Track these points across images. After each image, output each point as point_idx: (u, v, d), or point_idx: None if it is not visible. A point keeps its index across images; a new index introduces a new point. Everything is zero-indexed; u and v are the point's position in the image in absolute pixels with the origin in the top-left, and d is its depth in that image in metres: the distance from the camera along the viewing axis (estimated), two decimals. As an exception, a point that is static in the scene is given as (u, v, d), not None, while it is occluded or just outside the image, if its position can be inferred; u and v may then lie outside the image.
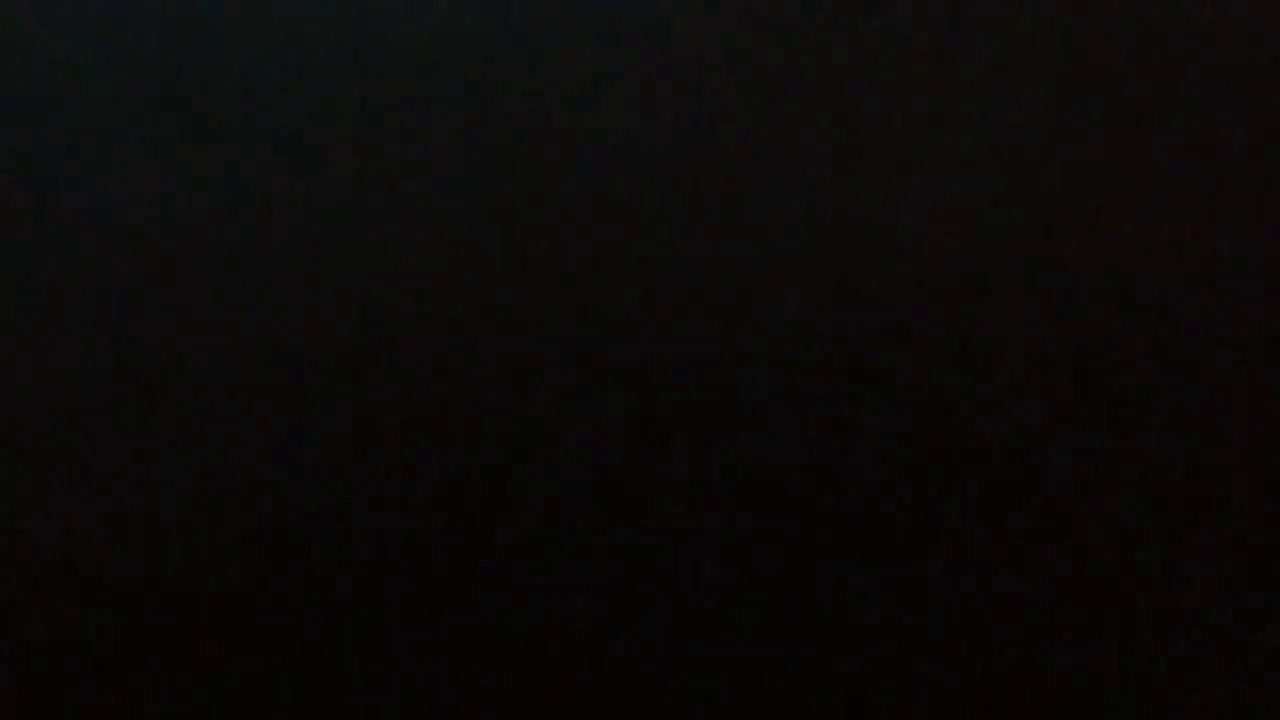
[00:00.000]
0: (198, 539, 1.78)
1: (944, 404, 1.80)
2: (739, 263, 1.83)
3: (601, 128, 1.85)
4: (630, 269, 1.83)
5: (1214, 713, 1.75)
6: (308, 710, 1.76)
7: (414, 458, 1.80)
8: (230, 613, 1.77)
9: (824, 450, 1.80)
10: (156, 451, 1.79)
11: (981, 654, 1.77)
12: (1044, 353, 1.81)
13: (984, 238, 1.83)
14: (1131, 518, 1.79)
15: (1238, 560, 1.78)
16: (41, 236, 1.82)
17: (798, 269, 1.83)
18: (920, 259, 1.82)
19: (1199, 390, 1.81)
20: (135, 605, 1.76)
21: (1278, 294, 1.82)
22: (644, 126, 1.85)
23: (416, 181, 1.84)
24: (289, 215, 1.83)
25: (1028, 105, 1.85)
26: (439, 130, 1.85)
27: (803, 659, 1.76)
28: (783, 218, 1.84)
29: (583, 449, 1.80)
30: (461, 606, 1.78)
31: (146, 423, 1.80)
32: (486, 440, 1.80)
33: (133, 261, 1.81)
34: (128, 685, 1.76)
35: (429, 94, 1.86)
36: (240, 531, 1.78)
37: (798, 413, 1.80)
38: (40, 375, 1.80)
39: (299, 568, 1.78)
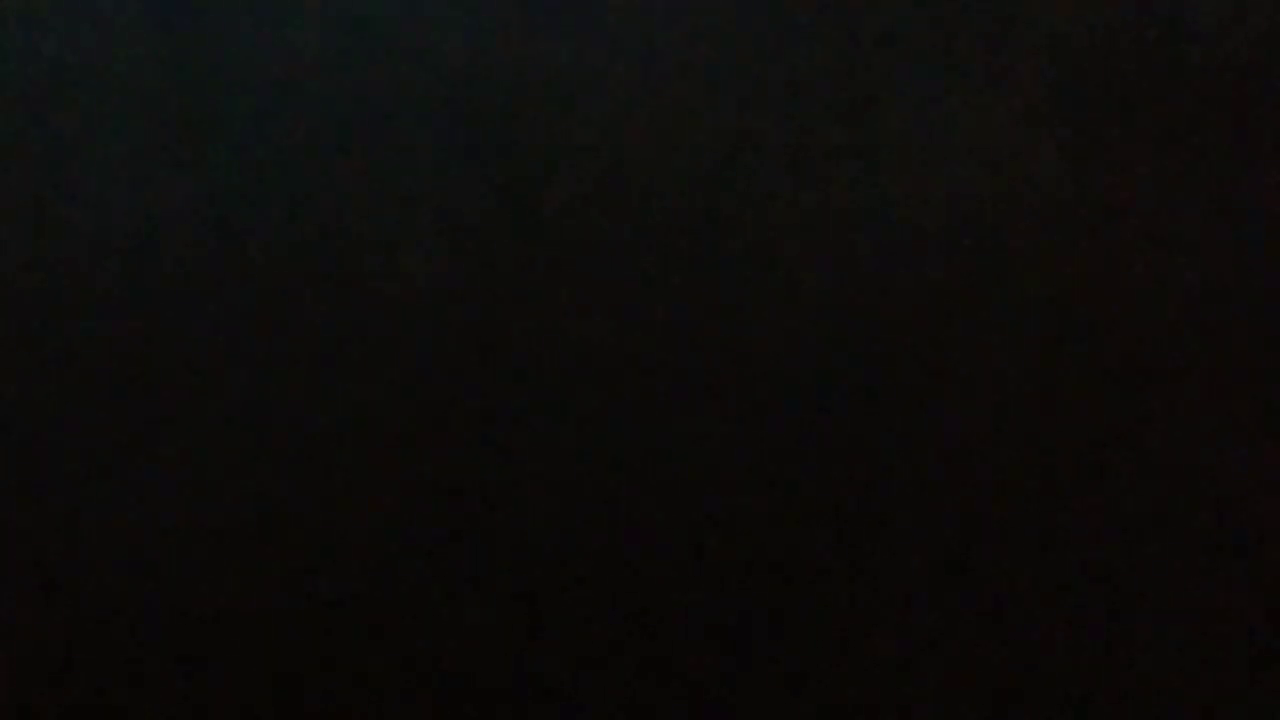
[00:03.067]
0: (197, 536, 1.78)
1: (941, 404, 1.80)
2: (737, 261, 1.82)
3: (601, 125, 1.85)
4: (628, 266, 1.83)
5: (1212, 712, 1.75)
6: (308, 706, 1.76)
7: (414, 454, 1.80)
8: (230, 609, 1.77)
9: (821, 450, 1.80)
10: (156, 449, 1.79)
11: (980, 656, 1.76)
12: (1044, 352, 1.81)
13: (983, 237, 1.83)
14: (1132, 519, 1.79)
15: (1237, 562, 1.78)
16: (41, 236, 1.82)
17: (796, 265, 1.82)
18: (920, 258, 1.82)
19: (1202, 390, 1.80)
20: (135, 602, 1.77)
21: (1278, 295, 1.81)
22: (641, 122, 1.85)
23: (416, 179, 1.84)
24: (289, 214, 1.83)
25: (1028, 103, 1.85)
26: (439, 129, 1.85)
27: (799, 661, 1.76)
28: (782, 215, 1.83)
29: (579, 446, 1.80)
30: (460, 605, 1.77)
31: (146, 421, 1.80)
32: (487, 436, 1.80)
33: (132, 260, 1.81)
34: (128, 682, 1.76)
35: (429, 93, 1.86)
36: (239, 529, 1.78)
37: (796, 412, 1.80)
38: (40, 374, 1.80)
39: (297, 566, 1.78)
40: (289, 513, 1.79)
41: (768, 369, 1.80)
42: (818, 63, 1.85)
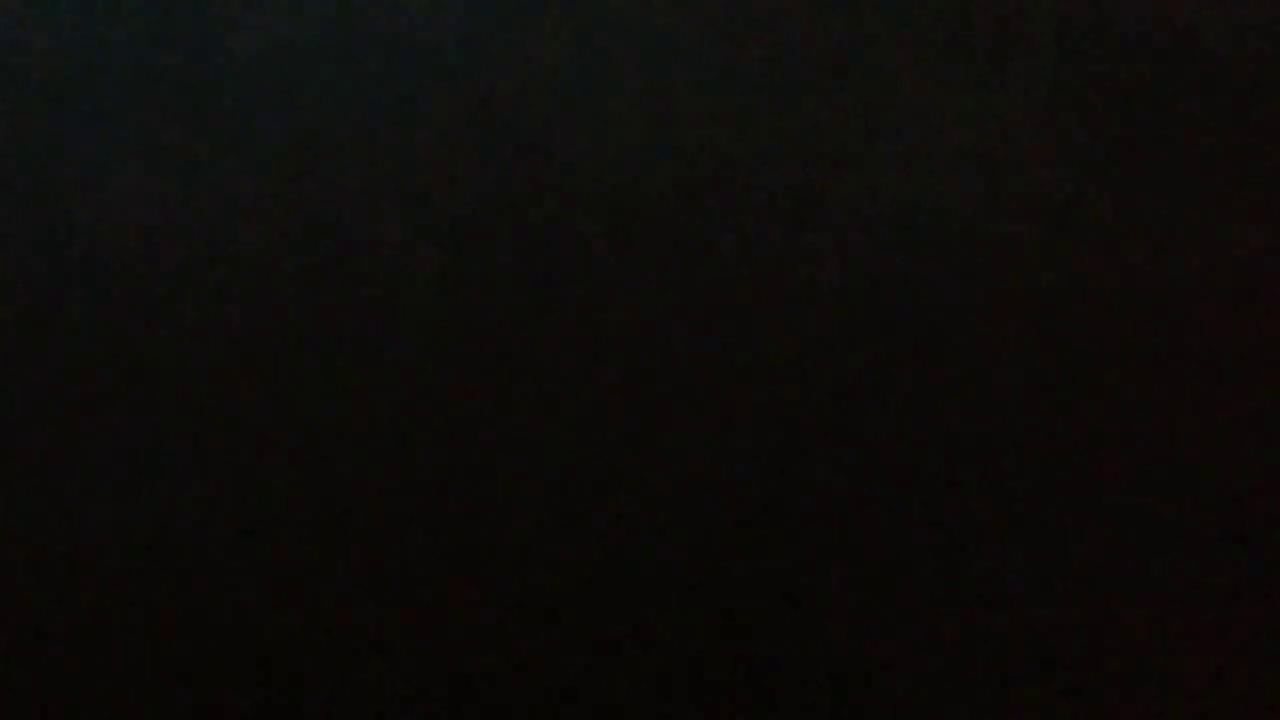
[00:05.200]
0: (194, 535, 1.78)
1: (940, 402, 1.80)
2: (738, 260, 1.83)
3: (600, 123, 1.86)
4: (628, 266, 1.83)
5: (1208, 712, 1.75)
6: (307, 706, 1.76)
7: (415, 454, 1.80)
8: (226, 609, 1.77)
9: (820, 449, 1.80)
10: (154, 447, 1.79)
11: (979, 657, 1.76)
12: (1043, 350, 1.81)
13: (982, 236, 1.83)
14: (1132, 518, 1.79)
15: (1238, 561, 1.78)
16: (42, 236, 1.82)
17: (797, 264, 1.83)
18: (919, 257, 1.82)
19: (1200, 389, 1.81)
20: (133, 601, 1.77)
21: (1278, 293, 1.82)
22: (642, 122, 1.85)
23: (416, 179, 1.84)
24: (289, 214, 1.83)
25: (1029, 102, 1.85)
26: (438, 128, 1.86)
27: (799, 660, 1.76)
28: (782, 214, 1.84)
29: (580, 445, 1.80)
30: (459, 604, 1.78)
31: (145, 422, 1.80)
32: (487, 436, 1.80)
33: (133, 260, 1.82)
34: (126, 680, 1.76)
35: (429, 92, 1.86)
36: (237, 527, 1.78)
37: (796, 412, 1.81)
38: (40, 374, 1.80)
39: (295, 564, 1.78)
40: (285, 511, 1.79)
41: (767, 367, 1.81)
42: (817, 62, 1.86)
